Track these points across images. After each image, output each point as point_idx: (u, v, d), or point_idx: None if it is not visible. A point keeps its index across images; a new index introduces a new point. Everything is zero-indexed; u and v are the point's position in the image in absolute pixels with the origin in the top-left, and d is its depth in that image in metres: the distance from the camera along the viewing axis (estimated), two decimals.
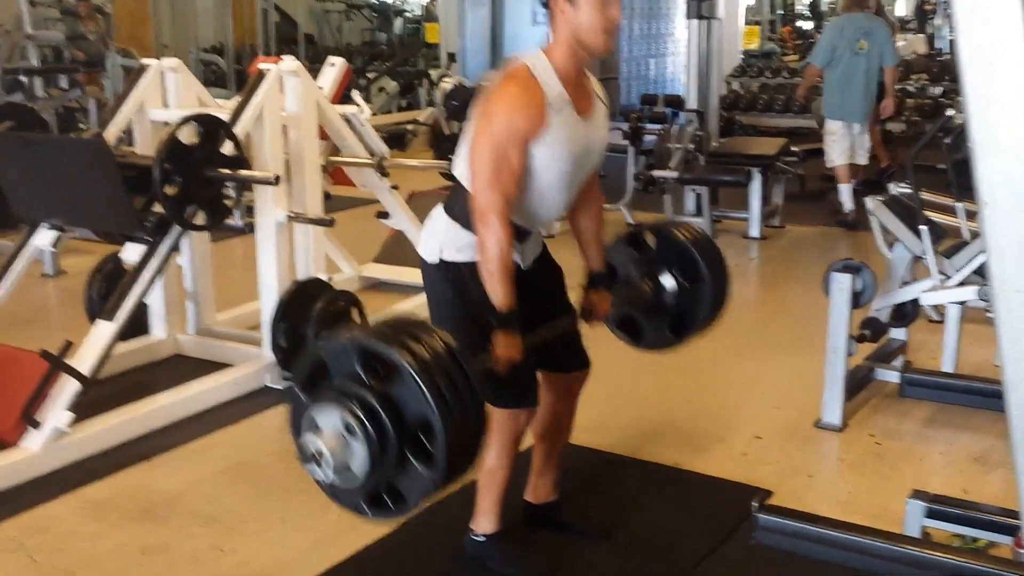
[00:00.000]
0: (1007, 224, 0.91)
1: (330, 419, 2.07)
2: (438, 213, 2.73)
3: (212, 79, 12.83)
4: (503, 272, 2.52)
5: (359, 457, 2.06)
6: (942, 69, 10.83)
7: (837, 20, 7.74)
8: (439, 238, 2.68)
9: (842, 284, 3.76)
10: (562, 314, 2.90)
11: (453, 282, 2.66)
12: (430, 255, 2.70)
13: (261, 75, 4.25)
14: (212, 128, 3.88)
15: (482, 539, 2.91)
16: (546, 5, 2.56)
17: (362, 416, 2.05)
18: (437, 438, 2.05)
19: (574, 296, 2.97)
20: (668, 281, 3.12)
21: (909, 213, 4.19)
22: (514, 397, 2.73)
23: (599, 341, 4.94)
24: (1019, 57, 0.89)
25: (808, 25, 17.95)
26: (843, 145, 7.26)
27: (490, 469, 2.82)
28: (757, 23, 15.26)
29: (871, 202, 4.42)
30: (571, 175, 2.65)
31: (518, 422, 2.77)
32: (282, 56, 4.56)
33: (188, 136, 3.82)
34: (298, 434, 2.15)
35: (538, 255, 2.84)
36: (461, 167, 2.66)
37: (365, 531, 3.13)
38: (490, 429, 2.74)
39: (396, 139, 10.11)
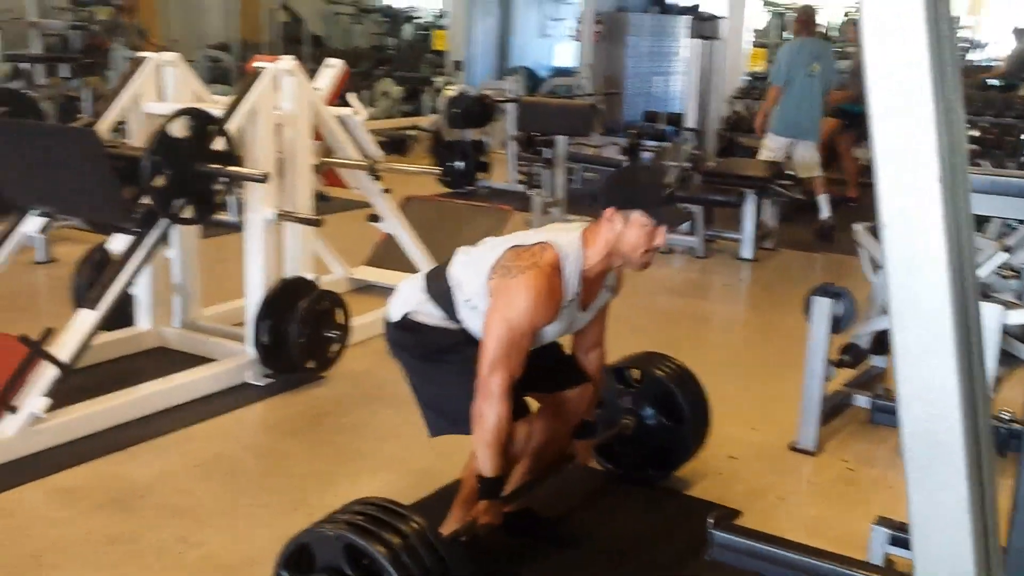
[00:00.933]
0: (902, 245, 0.94)
1: None
2: (418, 284, 2.86)
3: (218, 75, 12.87)
4: (497, 446, 2.63)
5: None
6: None
7: (793, 43, 8.06)
8: (409, 305, 2.83)
9: (822, 308, 3.78)
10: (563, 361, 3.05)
11: (412, 330, 2.81)
12: (394, 314, 2.85)
13: (257, 73, 4.28)
14: (204, 123, 3.91)
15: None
16: (601, 204, 2.69)
17: None
18: None
19: None
20: (649, 417, 3.41)
21: None
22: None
23: None
24: (922, 83, 0.92)
25: None
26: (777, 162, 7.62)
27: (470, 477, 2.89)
28: (765, 46, 15.31)
29: (858, 228, 4.44)
30: (547, 341, 2.85)
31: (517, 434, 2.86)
32: (282, 55, 4.59)
33: (180, 130, 3.85)
34: None
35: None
36: (460, 274, 2.78)
37: None
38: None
39: (397, 144, 10.15)
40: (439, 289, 2.80)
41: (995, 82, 12.26)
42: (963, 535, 0.97)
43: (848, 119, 8.64)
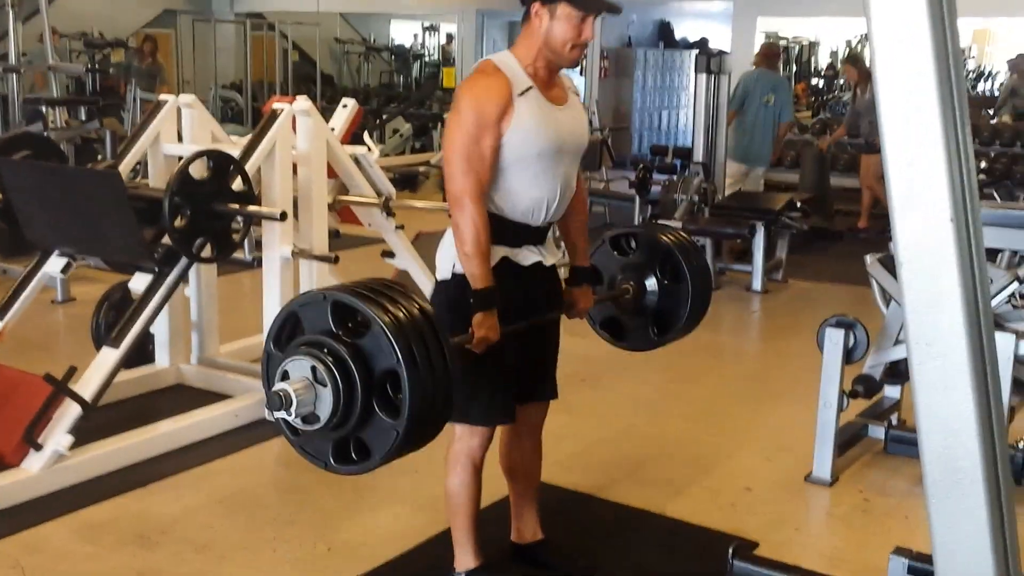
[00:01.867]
0: (918, 283, 0.99)
1: (299, 367, 2.15)
2: (449, 237, 2.80)
3: (230, 115, 13.03)
4: (479, 252, 2.61)
5: (325, 403, 2.14)
6: None
7: (751, 72, 8.41)
8: (454, 256, 2.73)
9: (835, 339, 3.82)
10: (553, 335, 2.98)
11: (462, 292, 2.70)
12: (443, 272, 2.78)
13: (275, 114, 4.36)
14: (223, 163, 3.98)
15: (462, 575, 2.95)
16: (526, 8, 2.68)
17: (329, 363, 2.13)
18: (403, 388, 2.12)
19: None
20: (650, 282, 3.23)
21: None
22: (485, 412, 2.81)
23: (593, 381, 4.99)
24: (934, 129, 0.97)
25: (822, 83, 18.13)
26: (737, 188, 7.97)
27: (451, 493, 2.90)
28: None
29: (870, 260, 4.48)
30: (552, 160, 2.72)
31: (474, 440, 2.83)
32: (298, 96, 4.67)
33: (199, 170, 3.92)
34: (269, 385, 2.22)
35: (551, 267, 2.89)
36: None
37: (354, 566, 3.18)
38: (449, 454, 2.83)
39: (408, 180, 10.22)
40: None
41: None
42: (985, 559, 1.01)
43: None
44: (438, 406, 2.23)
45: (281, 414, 2.17)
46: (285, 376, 2.17)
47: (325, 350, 2.16)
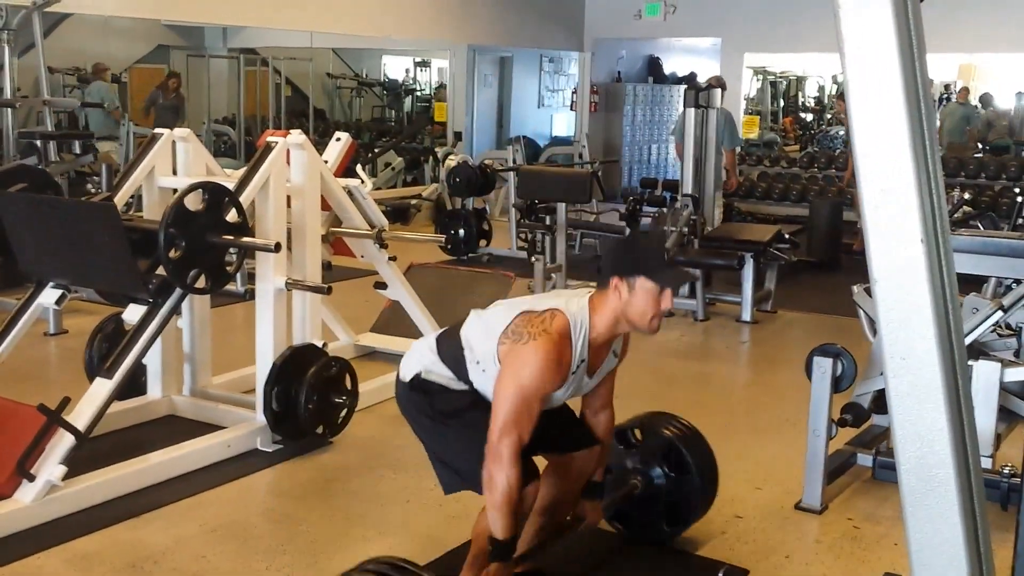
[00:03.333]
0: (892, 299, 1.04)
1: None
2: (425, 348, 2.94)
3: (222, 149, 13.09)
4: (508, 508, 2.68)
5: None
6: None
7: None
8: (421, 365, 2.90)
9: (822, 368, 3.86)
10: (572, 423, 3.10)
11: (424, 390, 2.88)
12: (406, 374, 2.92)
13: (269, 147, 4.41)
14: (217, 195, 4.02)
15: None
16: (605, 279, 2.77)
17: None
18: None
19: None
20: (656, 474, 3.42)
21: None
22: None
23: None
24: (904, 157, 1.02)
25: (811, 117, 18.30)
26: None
27: (480, 534, 2.92)
28: (759, 113, 15.59)
29: (856, 289, 4.53)
30: (556, 404, 2.92)
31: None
32: (291, 130, 4.73)
33: (194, 202, 3.96)
34: None
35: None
36: (472, 337, 2.86)
37: None
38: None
39: (400, 213, 10.30)
40: (450, 350, 2.88)
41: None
42: (959, 563, 1.05)
43: None
44: None
45: None
46: None
47: None
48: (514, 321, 2.74)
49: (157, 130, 4.79)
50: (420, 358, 2.93)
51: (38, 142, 7.43)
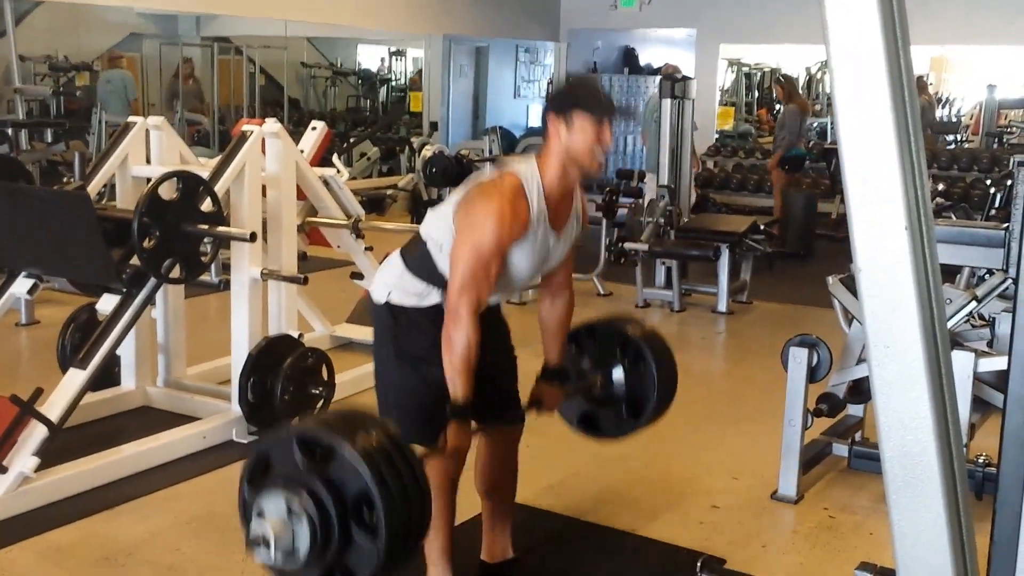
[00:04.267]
0: (876, 287, 1.05)
1: (274, 505, 2.17)
2: (395, 260, 2.89)
3: (196, 138, 12.99)
4: (466, 368, 2.66)
5: (303, 538, 2.15)
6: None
7: (652, 97, 9.03)
8: (390, 283, 2.85)
9: (798, 358, 3.88)
10: (507, 363, 3.06)
11: (392, 320, 2.83)
12: (378, 296, 2.87)
13: (244, 136, 4.38)
14: (192, 185, 3.99)
15: None
16: (544, 121, 2.75)
17: (302, 496, 2.15)
18: (376, 507, 2.14)
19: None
20: (615, 369, 3.29)
21: None
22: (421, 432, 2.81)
23: None
24: (889, 144, 1.03)
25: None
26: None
27: None
28: (733, 104, 15.64)
29: (832, 280, 4.55)
30: (529, 273, 2.86)
31: (447, 460, 2.85)
32: (266, 119, 4.70)
33: (168, 192, 3.92)
34: (246, 523, 2.25)
35: (493, 307, 2.96)
36: (430, 229, 2.82)
37: None
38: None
39: (375, 203, 10.27)
40: (415, 255, 2.84)
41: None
42: (943, 548, 1.06)
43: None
44: (414, 519, 2.26)
45: (262, 554, 2.18)
46: (261, 514, 2.20)
47: (297, 484, 2.18)
48: (467, 192, 2.74)
49: (131, 119, 4.75)
50: (390, 275, 2.87)
51: (9, 130, 7.35)
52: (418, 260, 2.82)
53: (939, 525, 1.08)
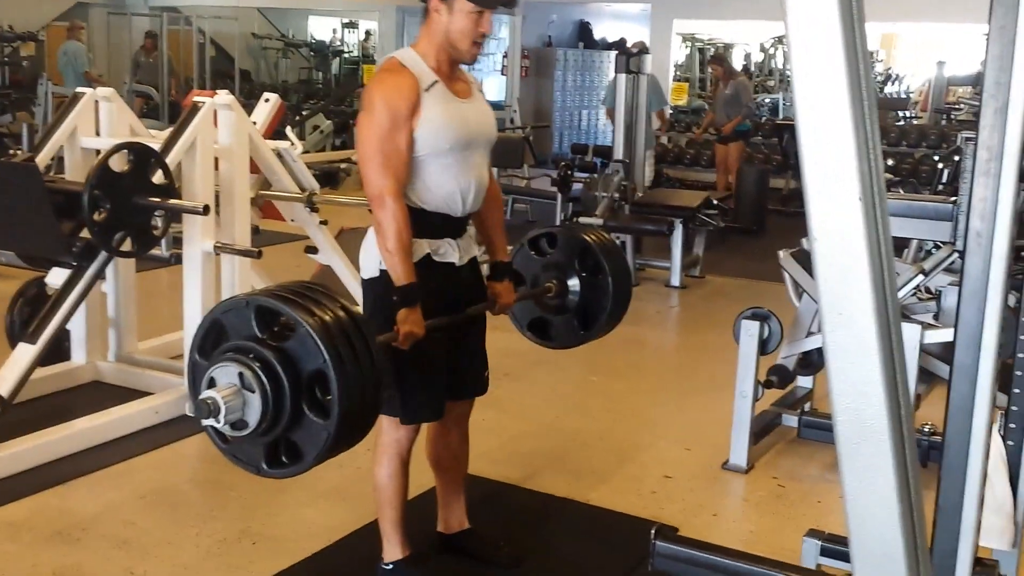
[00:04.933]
0: (832, 256, 1.08)
1: (226, 374, 2.15)
2: (372, 234, 2.84)
3: (144, 111, 12.81)
4: (402, 249, 2.64)
5: (253, 408, 2.13)
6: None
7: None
8: (376, 255, 2.77)
9: (750, 331, 3.93)
10: (479, 326, 3.02)
11: (386, 289, 2.74)
12: (369, 271, 2.82)
13: (196, 107, 4.33)
14: (143, 156, 3.93)
15: (390, 567, 2.98)
16: (425, 3, 2.75)
17: (256, 368, 2.12)
18: (331, 388, 2.12)
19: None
20: (572, 279, 3.29)
21: None
22: (413, 410, 2.83)
23: (517, 376, 5.05)
24: (844, 116, 1.05)
25: None
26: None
27: (379, 486, 2.93)
28: (687, 80, 15.71)
29: (783, 254, 4.61)
30: (463, 152, 2.78)
31: (400, 432, 2.87)
32: (217, 91, 4.64)
33: (119, 163, 3.87)
34: (197, 394, 2.21)
35: (472, 260, 2.93)
36: None
37: (279, 559, 3.19)
38: (376, 447, 2.86)
39: (329, 177, 10.16)
40: None
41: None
42: (892, 510, 1.09)
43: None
44: (367, 404, 2.24)
45: (210, 422, 2.15)
46: (212, 384, 2.16)
47: (251, 355, 2.15)
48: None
49: (79, 89, 4.67)
50: (373, 248, 2.79)
51: None
52: None
53: (889, 487, 1.12)
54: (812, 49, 1.04)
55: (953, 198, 3.86)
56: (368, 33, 17.68)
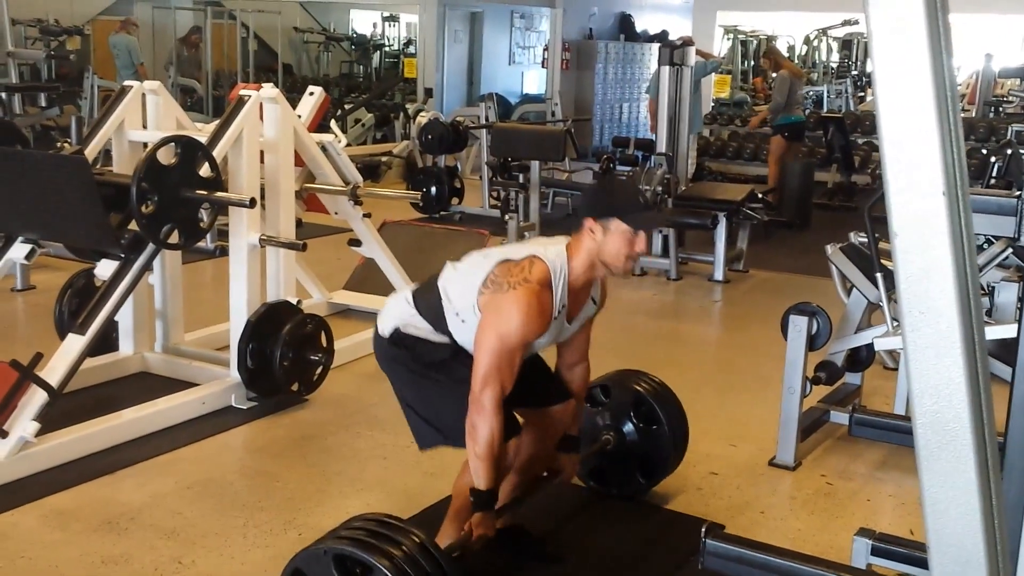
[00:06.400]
0: (914, 253, 1.04)
1: None
2: (402, 302, 2.92)
3: (189, 104, 12.92)
4: (490, 458, 2.68)
5: None
6: None
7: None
8: (399, 319, 2.87)
9: (798, 326, 3.88)
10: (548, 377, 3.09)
11: (404, 345, 2.86)
12: (384, 328, 2.90)
13: (242, 100, 4.34)
14: (190, 150, 3.95)
15: None
16: (579, 221, 2.77)
17: None
18: None
19: None
20: (628, 428, 3.47)
21: (866, 260, 4.33)
22: None
23: None
24: (927, 108, 1.02)
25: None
26: None
27: (461, 492, 2.92)
28: (729, 73, 15.56)
29: (831, 249, 4.55)
30: (536, 351, 2.92)
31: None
32: (262, 84, 4.66)
33: (167, 156, 3.89)
34: None
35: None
36: (449, 286, 2.83)
37: None
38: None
39: (370, 170, 10.21)
40: (428, 303, 2.86)
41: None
42: (974, 518, 1.06)
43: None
44: None
45: None
46: None
47: None
48: (494, 270, 2.73)
49: (127, 83, 4.71)
50: (398, 313, 2.91)
51: (3, 94, 7.28)
52: (431, 311, 2.84)
53: (971, 493, 1.09)
54: (896, 39, 1.00)
55: (1018, 192, 3.77)
56: (410, 27, 17.70)
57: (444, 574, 2.32)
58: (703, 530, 2.59)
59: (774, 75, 10.42)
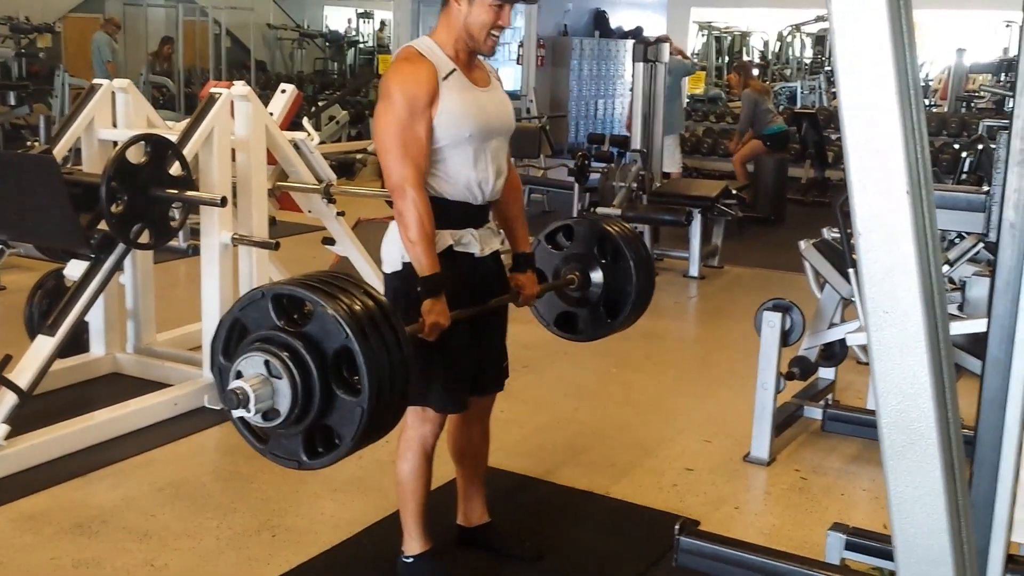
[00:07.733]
0: (878, 252, 1.04)
1: (252, 365, 2.13)
2: (394, 227, 2.81)
3: (161, 102, 12.82)
4: (425, 239, 2.62)
5: (283, 394, 2.12)
6: None
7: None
8: (399, 247, 2.75)
9: (772, 322, 3.89)
10: (501, 319, 3.00)
11: (409, 283, 2.72)
12: (391, 264, 2.79)
13: (212, 98, 4.31)
14: (161, 148, 3.92)
15: (410, 560, 2.96)
16: None
17: (281, 354, 2.11)
18: (358, 361, 2.10)
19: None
20: (593, 269, 3.27)
21: (838, 256, 4.35)
22: (438, 400, 2.81)
23: (536, 368, 5.03)
24: (890, 106, 1.02)
25: (755, 72, 18.35)
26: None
27: (402, 479, 2.90)
28: (704, 68, 15.61)
29: (804, 245, 4.57)
30: (482, 140, 2.76)
31: (426, 427, 2.84)
32: (233, 81, 4.63)
33: (136, 155, 3.86)
34: (223, 389, 2.19)
35: (494, 253, 2.91)
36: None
37: (299, 552, 3.18)
38: (400, 441, 2.84)
39: (345, 168, 10.14)
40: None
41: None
42: (939, 516, 1.06)
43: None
44: (397, 378, 2.20)
45: (240, 412, 2.13)
46: (239, 376, 2.15)
47: (274, 343, 2.14)
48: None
49: (96, 81, 4.66)
50: (394, 242, 2.77)
51: None
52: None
53: (937, 492, 1.09)
54: (858, 35, 1.00)
55: (985, 188, 3.79)
56: (383, 23, 17.64)
57: (391, 323, 2.19)
58: (677, 527, 2.59)
59: (740, 93, 10.42)
